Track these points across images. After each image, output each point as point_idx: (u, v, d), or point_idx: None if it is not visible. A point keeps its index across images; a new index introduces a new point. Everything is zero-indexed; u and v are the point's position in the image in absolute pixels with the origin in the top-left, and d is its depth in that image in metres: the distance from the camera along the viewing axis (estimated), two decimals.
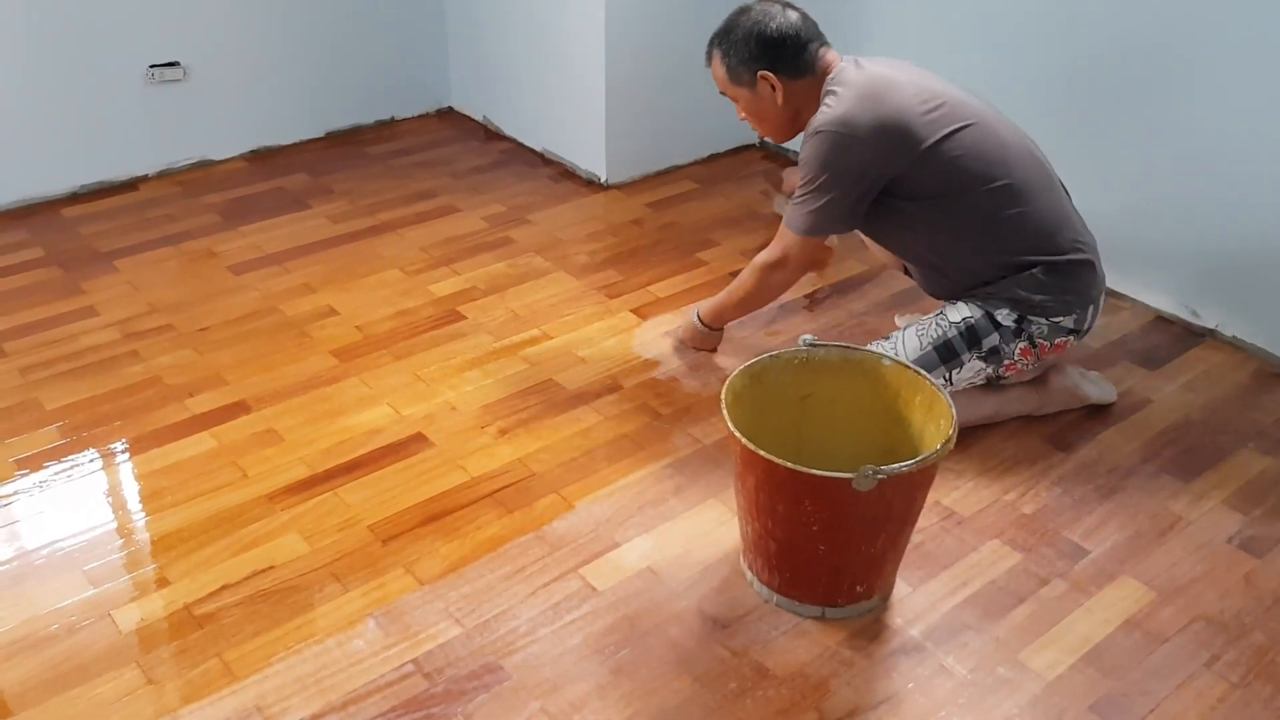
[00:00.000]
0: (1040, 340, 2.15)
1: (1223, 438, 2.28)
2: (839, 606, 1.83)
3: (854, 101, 2.06)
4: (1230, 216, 2.48)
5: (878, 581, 1.84)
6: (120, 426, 2.28)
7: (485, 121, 3.77)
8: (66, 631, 1.79)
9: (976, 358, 2.15)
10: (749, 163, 3.54)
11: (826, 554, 1.77)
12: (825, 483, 1.67)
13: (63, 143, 3.19)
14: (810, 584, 1.82)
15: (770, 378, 1.91)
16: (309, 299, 2.75)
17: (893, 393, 1.92)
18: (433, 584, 1.89)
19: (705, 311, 2.48)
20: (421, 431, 2.27)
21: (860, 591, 1.83)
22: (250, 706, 1.66)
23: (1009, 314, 2.13)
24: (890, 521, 1.76)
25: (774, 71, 2.14)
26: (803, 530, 1.75)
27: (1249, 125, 2.39)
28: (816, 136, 2.08)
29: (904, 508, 1.76)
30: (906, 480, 1.69)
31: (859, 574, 1.81)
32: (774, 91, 2.16)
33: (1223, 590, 1.90)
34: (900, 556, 1.87)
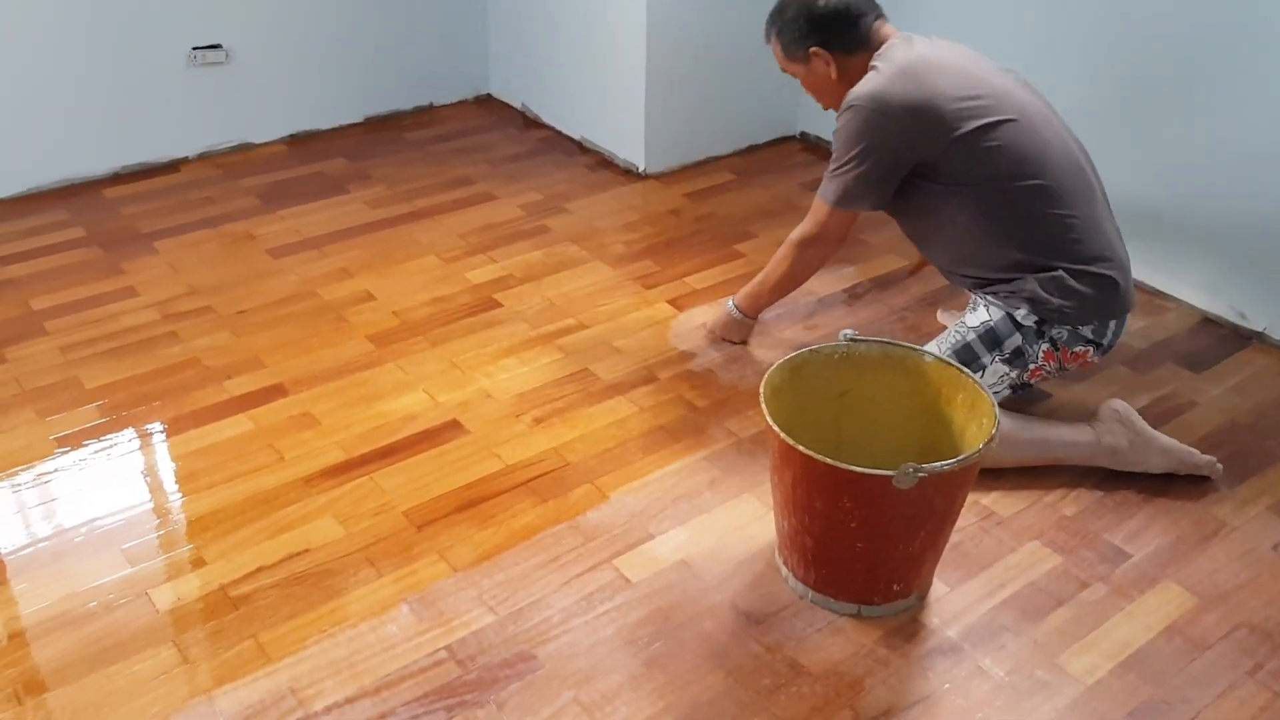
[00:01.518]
0: (1062, 344, 2.09)
1: (1270, 443, 2.23)
2: (875, 605, 1.81)
3: (890, 79, 2.04)
4: (1276, 216, 2.43)
5: (915, 580, 1.82)
6: (159, 407, 2.29)
7: (524, 109, 3.77)
8: (104, 609, 1.81)
9: (999, 360, 2.09)
10: (788, 155, 3.51)
11: (864, 551, 1.75)
12: (865, 479, 1.65)
13: (105, 124, 3.21)
14: (846, 581, 1.80)
15: (809, 372, 1.89)
16: (346, 284, 2.76)
17: (934, 390, 1.89)
18: (466, 571, 1.89)
19: (741, 298, 2.48)
20: (457, 418, 2.27)
21: (897, 590, 1.81)
22: (284, 689, 1.67)
23: (1028, 314, 2.07)
24: (930, 520, 1.73)
25: (826, 48, 2.14)
26: (840, 527, 1.73)
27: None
28: (850, 110, 2.09)
29: (944, 507, 1.74)
30: (947, 479, 1.67)
31: (896, 572, 1.79)
32: (828, 67, 2.16)
33: (1267, 598, 1.87)
34: (939, 555, 1.85)
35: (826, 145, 3.50)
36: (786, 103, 3.54)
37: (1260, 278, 2.53)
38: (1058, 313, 2.06)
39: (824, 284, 2.77)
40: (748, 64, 3.38)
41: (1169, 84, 2.55)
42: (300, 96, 3.52)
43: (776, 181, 3.34)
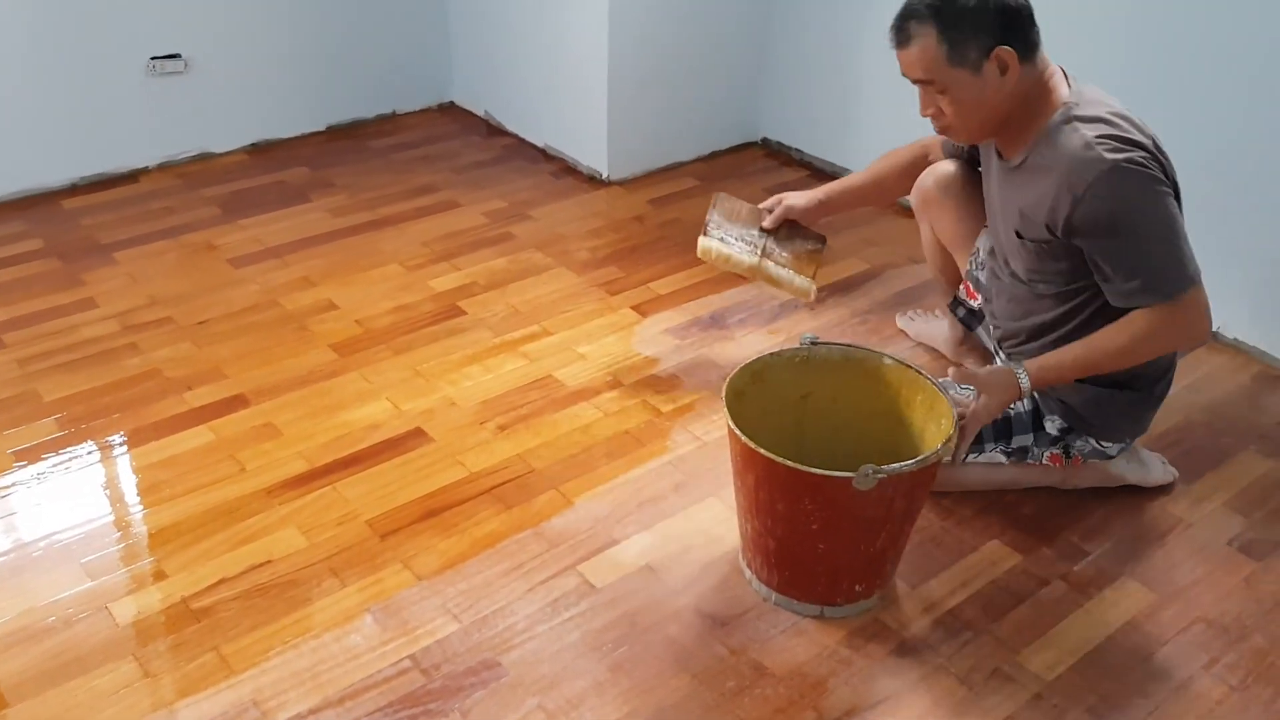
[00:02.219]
0: (1076, 454, 2.02)
1: (1225, 440, 2.27)
2: (838, 606, 1.83)
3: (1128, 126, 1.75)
4: (1232, 219, 2.47)
5: (877, 580, 1.84)
6: (119, 419, 2.27)
7: (487, 116, 3.76)
8: (64, 624, 1.79)
9: (1000, 450, 2.01)
10: (751, 160, 3.53)
11: (826, 553, 1.76)
12: (825, 481, 1.66)
13: (63, 134, 3.18)
14: (809, 583, 1.82)
15: (771, 376, 1.91)
16: (309, 293, 2.74)
17: (894, 392, 1.91)
18: (430, 580, 1.89)
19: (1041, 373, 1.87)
20: (420, 427, 2.26)
21: (859, 591, 1.82)
22: (247, 700, 1.66)
23: (1058, 422, 1.97)
24: (890, 521, 1.75)
25: (1011, 44, 1.73)
26: (802, 529, 1.74)
27: (1250, 129, 2.38)
28: (1119, 171, 1.69)
29: (905, 507, 1.75)
30: (907, 480, 1.69)
31: (858, 573, 1.80)
32: (1003, 76, 1.75)
33: (1223, 593, 1.90)
34: (900, 555, 1.86)
35: (789, 150, 3.53)
36: (748, 108, 3.56)
37: (1213, 278, 2.56)
38: (1097, 430, 1.97)
39: None
40: (710, 70, 3.40)
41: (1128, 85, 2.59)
42: (261, 105, 3.50)
43: (740, 187, 3.35)
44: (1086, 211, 1.72)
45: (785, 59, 3.44)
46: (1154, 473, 2.12)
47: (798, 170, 3.46)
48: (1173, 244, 1.73)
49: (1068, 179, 1.73)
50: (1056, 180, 1.75)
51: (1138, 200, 1.71)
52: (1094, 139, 1.72)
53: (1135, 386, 1.94)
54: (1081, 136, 1.73)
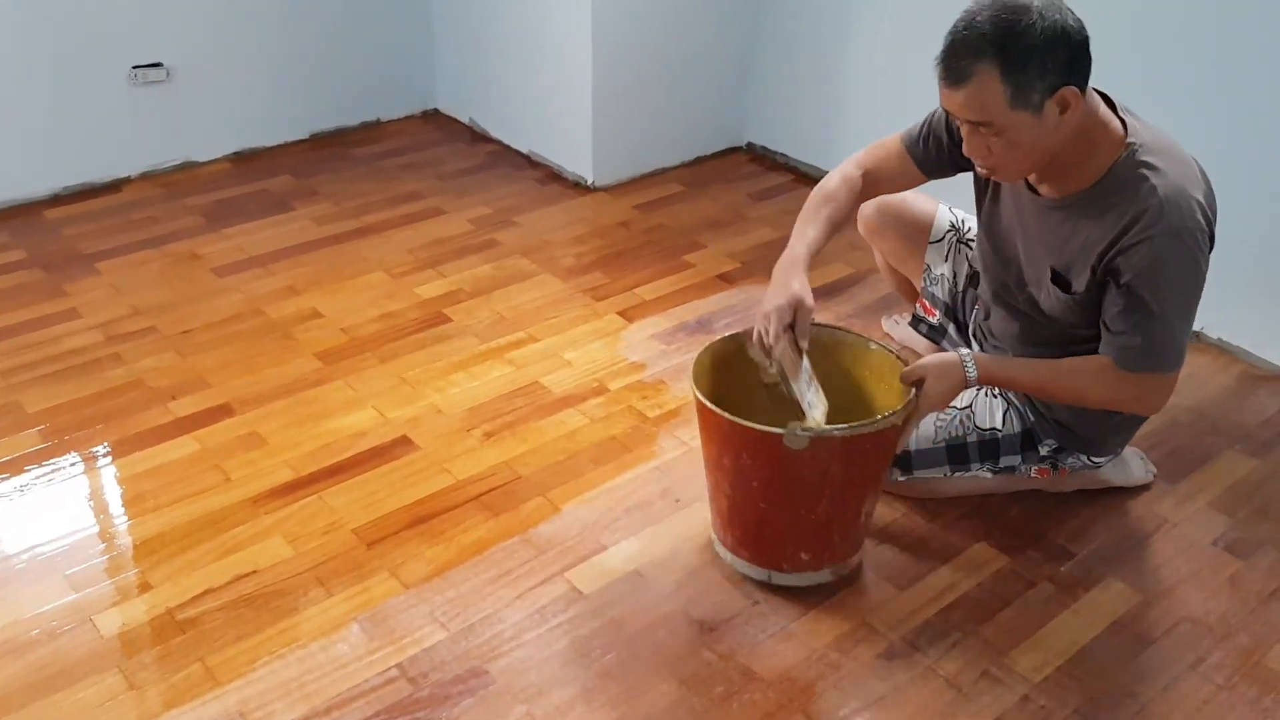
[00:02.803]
0: (1065, 467, 2.02)
1: (1208, 440, 2.28)
2: (784, 572, 1.87)
3: (1197, 188, 1.69)
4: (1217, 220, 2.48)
5: (825, 552, 1.87)
6: (102, 430, 2.26)
7: (471, 123, 3.76)
8: (47, 636, 1.78)
9: (987, 469, 2.01)
10: (736, 165, 3.54)
11: (769, 514, 1.82)
12: (760, 437, 1.71)
13: (45, 144, 3.17)
14: (756, 544, 1.87)
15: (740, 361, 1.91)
16: (293, 301, 2.74)
17: (862, 367, 1.95)
18: (417, 588, 1.88)
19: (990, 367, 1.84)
20: (406, 434, 2.26)
21: (806, 560, 1.86)
22: (233, 712, 1.65)
23: (1051, 444, 1.96)
24: (829, 488, 1.78)
25: (1075, 83, 1.60)
26: (745, 486, 1.80)
27: (1234, 127, 2.40)
28: (1181, 238, 1.64)
29: (844, 475, 1.77)
30: (841, 447, 1.71)
31: (802, 541, 1.84)
32: (1063, 115, 1.61)
33: (1208, 592, 1.91)
34: (852, 531, 1.88)
35: (774, 155, 3.54)
36: (733, 113, 3.57)
37: None
38: (1091, 446, 1.96)
39: None
40: (694, 75, 3.41)
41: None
42: (244, 114, 3.49)
43: (725, 192, 3.36)
44: (1135, 258, 1.66)
45: (770, 64, 3.45)
46: (1135, 472, 2.12)
47: (783, 175, 3.46)
48: (1185, 324, 1.73)
49: (1133, 223, 1.66)
50: (1120, 222, 1.67)
51: (1184, 274, 1.68)
52: (1167, 195, 1.64)
53: None
54: (1153, 187, 1.65)
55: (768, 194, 3.35)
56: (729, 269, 2.92)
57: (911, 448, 1.99)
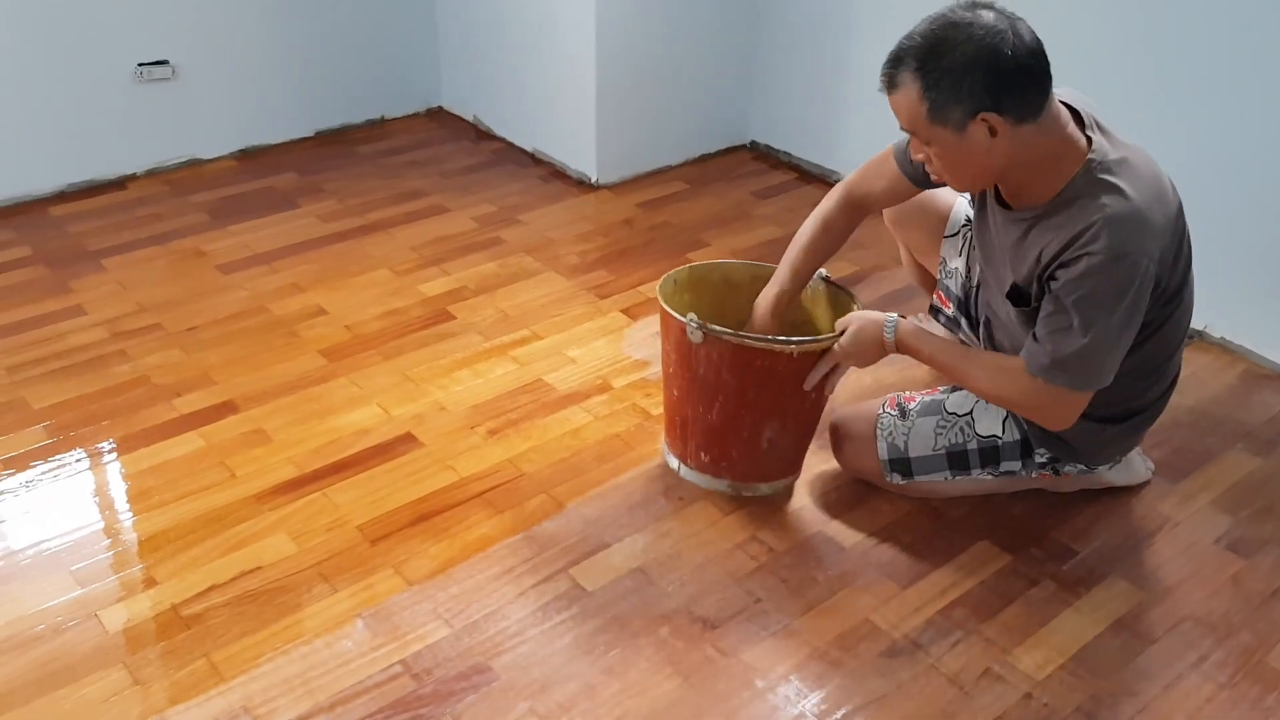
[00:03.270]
0: (1065, 473, 2.01)
1: (1210, 439, 2.28)
2: (689, 468, 2.08)
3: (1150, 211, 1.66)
4: (1217, 218, 2.48)
5: (723, 462, 2.03)
6: (108, 426, 2.27)
7: (475, 121, 3.77)
8: (53, 632, 1.78)
9: (989, 474, 2.01)
10: (740, 163, 3.54)
11: (677, 402, 2.02)
12: (671, 322, 1.94)
13: (50, 141, 3.18)
14: (672, 429, 2.08)
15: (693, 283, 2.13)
16: (298, 298, 2.74)
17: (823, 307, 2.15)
18: (421, 584, 1.88)
19: (908, 336, 1.88)
20: (411, 431, 2.26)
21: (705, 460, 2.04)
22: (238, 707, 1.65)
23: (1045, 454, 1.96)
24: (722, 394, 1.94)
25: (1000, 113, 1.59)
26: (667, 371, 2.02)
27: (1237, 127, 2.40)
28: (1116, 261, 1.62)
29: (735, 386, 1.92)
30: (733, 354, 1.89)
31: (701, 439, 2.02)
32: (991, 139, 1.62)
33: (1210, 591, 1.91)
34: (751, 452, 2.01)
35: (777, 154, 3.54)
36: (737, 112, 3.57)
37: (1199, 277, 2.56)
38: (1085, 457, 1.97)
39: None
40: (698, 74, 3.41)
41: (1105, 82, 2.61)
42: (249, 111, 3.50)
43: (728, 190, 3.36)
44: (1071, 272, 1.65)
45: (773, 62, 3.45)
46: (1137, 472, 2.12)
47: (786, 173, 3.46)
48: (1106, 347, 1.69)
49: (1076, 238, 1.65)
50: (1064, 238, 1.66)
51: (1114, 297, 1.64)
52: (1114, 215, 1.62)
53: (1126, 419, 1.93)
54: (1102, 204, 1.63)
55: (771, 192, 3.35)
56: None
57: (911, 454, 1.99)
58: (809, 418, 2.05)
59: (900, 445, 2.00)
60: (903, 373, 2.41)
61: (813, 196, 3.30)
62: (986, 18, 1.58)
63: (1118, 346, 1.70)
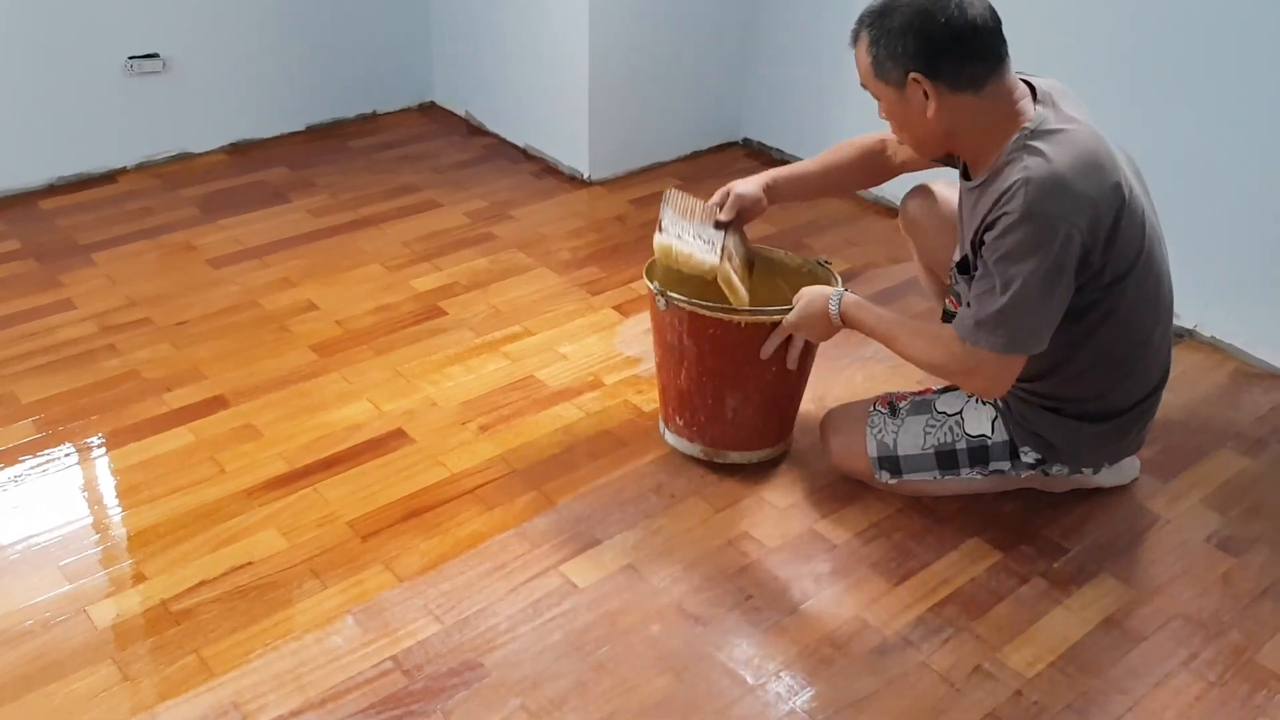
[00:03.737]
0: (1055, 475, 2.01)
1: (1201, 438, 2.29)
2: (667, 430, 2.19)
3: (1077, 173, 1.66)
4: (1208, 217, 2.49)
5: (694, 427, 2.12)
6: (97, 420, 2.26)
7: (467, 116, 3.76)
8: (41, 627, 1.78)
9: (978, 474, 2.00)
10: (733, 160, 3.54)
11: (657, 366, 2.15)
12: (650, 294, 2.03)
13: (40, 134, 3.16)
14: (659, 395, 2.20)
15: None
16: (289, 293, 2.73)
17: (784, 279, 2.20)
18: (412, 581, 1.88)
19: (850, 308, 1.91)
20: (402, 427, 2.26)
21: (680, 425, 2.14)
22: (228, 703, 1.65)
23: (1031, 452, 1.95)
24: (686, 360, 2.03)
25: (931, 78, 1.68)
26: (651, 337, 2.15)
27: (1229, 126, 2.41)
28: (1031, 222, 1.64)
29: (696, 353, 2.01)
30: (691, 321, 1.98)
31: (674, 403, 2.12)
32: (925, 103, 1.70)
33: (1200, 589, 1.91)
34: (717, 418, 2.08)
35: (770, 151, 3.54)
36: (730, 109, 3.57)
37: (1189, 277, 2.57)
38: (1069, 459, 1.96)
39: None
40: (691, 70, 3.41)
41: (1098, 78, 2.61)
42: (240, 105, 3.48)
43: (721, 187, 3.35)
44: (993, 234, 1.69)
45: (767, 59, 3.44)
46: (1125, 470, 2.12)
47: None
48: (1027, 310, 1.68)
49: (996, 202, 1.69)
50: (991, 200, 1.71)
51: (1029, 256, 1.65)
52: (1033, 176, 1.64)
53: (1106, 419, 1.92)
54: (1024, 167, 1.66)
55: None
56: None
57: (900, 452, 2.00)
58: (774, 392, 2.09)
59: (889, 443, 2.00)
60: (896, 370, 2.41)
61: None
62: None
63: (1042, 309, 1.69)
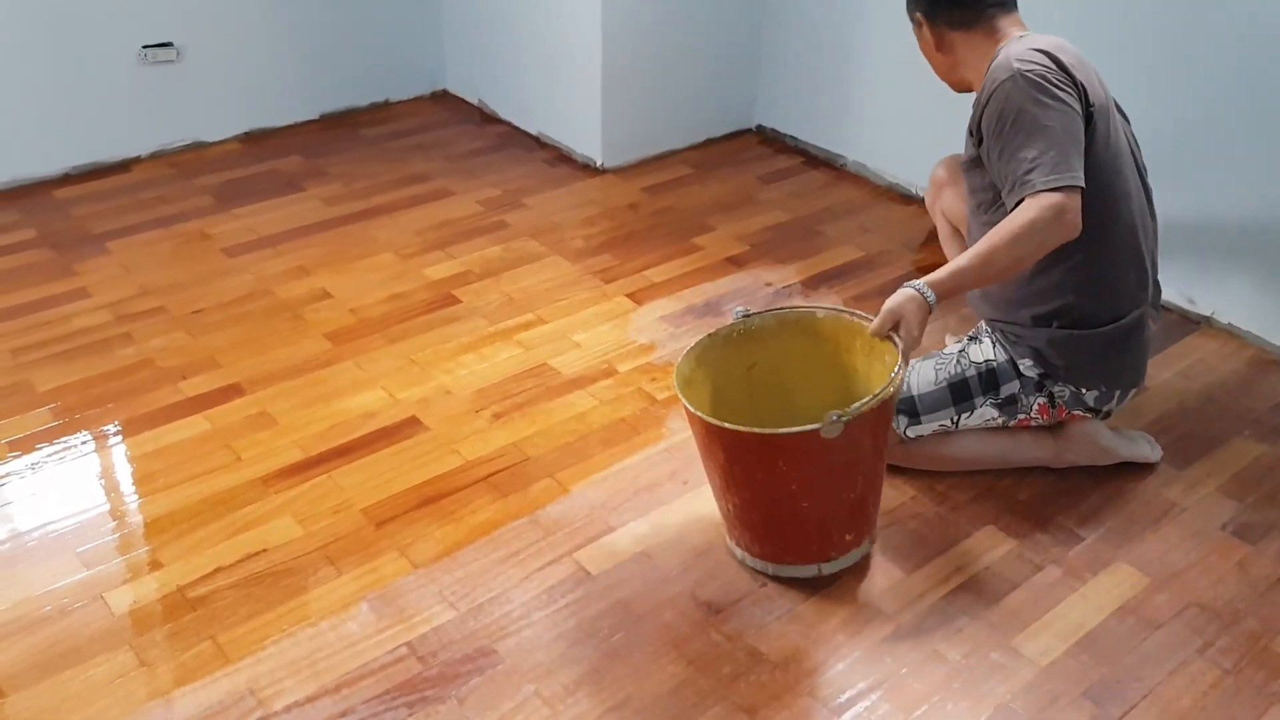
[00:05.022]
0: (1060, 402, 2.02)
1: (1217, 425, 2.27)
2: (833, 560, 1.88)
3: (1041, 42, 1.86)
4: (1225, 203, 2.47)
5: (865, 525, 1.90)
6: (113, 409, 2.27)
7: (480, 104, 3.75)
8: (59, 614, 1.79)
9: (991, 404, 2.02)
10: (745, 147, 3.53)
11: (811, 510, 1.82)
12: (795, 439, 1.70)
13: (55, 124, 3.17)
14: (802, 544, 1.86)
15: (714, 356, 1.92)
16: (303, 282, 2.74)
17: (833, 343, 1.94)
18: (426, 567, 1.89)
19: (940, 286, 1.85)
20: (415, 415, 2.26)
21: (850, 540, 1.88)
22: (243, 689, 1.66)
23: (1032, 366, 1.99)
24: (863, 463, 1.80)
25: (930, 20, 1.96)
26: (783, 491, 1.78)
27: (1243, 112, 2.39)
28: (1007, 80, 1.81)
29: (872, 445, 1.80)
30: (870, 418, 1.73)
31: (846, 522, 1.86)
32: (929, 38, 1.98)
33: (1216, 577, 1.90)
34: (879, 496, 1.91)
35: (783, 138, 3.53)
36: (743, 96, 3.56)
37: (1206, 263, 2.57)
38: (1064, 373, 1.98)
39: (780, 275, 2.79)
40: (704, 57, 3.40)
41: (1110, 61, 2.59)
42: (253, 94, 3.49)
43: (734, 174, 3.35)
44: (986, 117, 1.86)
45: (780, 46, 3.43)
46: (1141, 448, 2.14)
47: (792, 157, 3.45)
48: (1048, 145, 1.78)
49: (981, 92, 1.88)
50: (978, 95, 1.91)
51: (1025, 99, 1.80)
52: (1006, 55, 1.85)
53: (1089, 325, 1.95)
54: (1001, 58, 1.87)
55: (777, 176, 3.34)
56: (738, 252, 2.91)
57: (915, 392, 2.02)
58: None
59: (905, 387, 2.03)
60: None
61: (819, 180, 3.31)
62: None
63: (1067, 137, 1.79)
